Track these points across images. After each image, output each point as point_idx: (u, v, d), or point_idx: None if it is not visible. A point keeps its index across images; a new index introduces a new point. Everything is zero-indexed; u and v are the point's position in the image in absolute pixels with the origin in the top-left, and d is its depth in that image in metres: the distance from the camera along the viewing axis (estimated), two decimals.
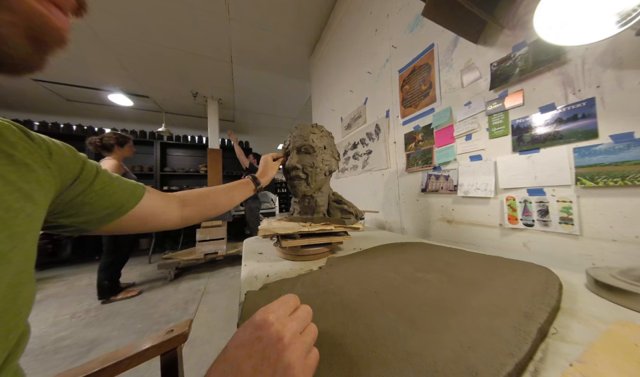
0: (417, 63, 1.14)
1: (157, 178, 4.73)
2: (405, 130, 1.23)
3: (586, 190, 0.60)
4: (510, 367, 0.26)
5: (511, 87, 0.76)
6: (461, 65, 0.92)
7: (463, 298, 0.42)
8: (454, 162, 0.96)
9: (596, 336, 0.32)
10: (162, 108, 4.47)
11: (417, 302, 0.42)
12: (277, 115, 5.08)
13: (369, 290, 0.48)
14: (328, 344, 0.32)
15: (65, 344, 1.65)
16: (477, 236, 0.88)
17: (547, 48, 0.65)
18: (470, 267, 0.58)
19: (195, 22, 2.29)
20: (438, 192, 1.04)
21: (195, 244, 3.16)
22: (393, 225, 1.36)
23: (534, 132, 0.70)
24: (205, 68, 3.15)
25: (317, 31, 2.46)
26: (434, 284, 0.49)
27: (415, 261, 0.65)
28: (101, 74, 3.20)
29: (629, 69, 0.53)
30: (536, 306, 0.37)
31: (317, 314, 0.39)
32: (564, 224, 0.64)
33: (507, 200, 0.77)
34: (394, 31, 1.30)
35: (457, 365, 0.27)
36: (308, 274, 0.59)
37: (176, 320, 1.96)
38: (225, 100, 4.24)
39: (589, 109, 0.59)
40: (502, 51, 0.78)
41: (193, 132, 5.62)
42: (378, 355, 0.29)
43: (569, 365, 0.27)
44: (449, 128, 0.98)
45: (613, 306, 0.40)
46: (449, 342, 0.31)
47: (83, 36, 2.39)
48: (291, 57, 2.92)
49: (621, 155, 0.54)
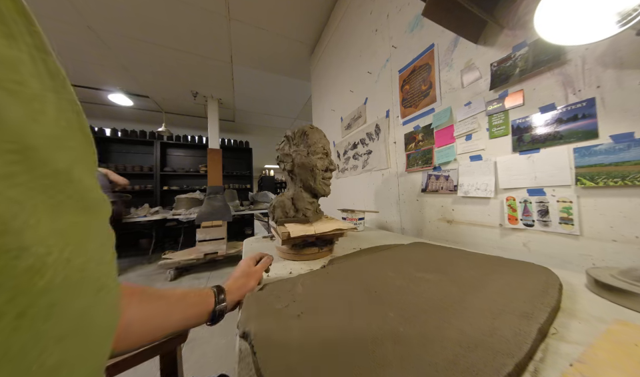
0: (417, 63, 1.14)
1: (157, 178, 4.73)
2: (405, 130, 1.23)
3: (586, 190, 0.60)
4: (510, 367, 0.26)
5: (511, 87, 0.76)
6: (461, 65, 0.92)
7: (463, 298, 0.42)
8: (454, 162, 0.96)
9: (596, 336, 0.32)
10: (162, 108, 4.47)
11: (417, 302, 0.42)
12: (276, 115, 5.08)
13: (369, 290, 0.48)
14: (328, 343, 0.32)
15: None
16: (477, 236, 0.88)
17: (547, 48, 0.65)
18: (470, 267, 0.58)
19: (195, 22, 2.29)
20: (438, 192, 1.04)
21: (194, 244, 3.16)
22: (392, 225, 1.36)
23: (534, 132, 0.70)
24: (205, 68, 3.14)
25: (317, 31, 2.45)
26: (434, 284, 0.49)
27: (415, 261, 0.65)
28: (101, 74, 3.20)
29: (629, 69, 0.53)
30: (536, 306, 0.37)
31: (317, 314, 0.39)
32: (564, 224, 0.64)
33: (507, 200, 0.77)
34: (394, 31, 1.30)
35: (457, 365, 0.27)
36: (308, 274, 0.59)
37: None
38: (224, 100, 4.24)
39: (589, 109, 0.59)
40: (502, 51, 0.78)
41: (193, 132, 5.62)
42: (378, 355, 0.29)
43: (569, 365, 0.27)
44: (449, 128, 0.98)
45: (612, 306, 0.40)
46: (449, 342, 0.31)
47: (83, 36, 2.39)
48: (290, 57, 2.91)
49: (621, 155, 0.54)
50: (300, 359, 0.29)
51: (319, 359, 0.29)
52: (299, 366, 0.28)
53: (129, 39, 2.50)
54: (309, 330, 0.35)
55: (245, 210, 4.51)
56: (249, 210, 4.56)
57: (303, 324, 0.37)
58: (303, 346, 0.31)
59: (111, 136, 4.57)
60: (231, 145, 5.60)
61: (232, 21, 2.29)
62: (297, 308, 0.42)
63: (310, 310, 0.41)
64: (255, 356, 0.30)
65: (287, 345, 0.32)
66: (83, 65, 2.96)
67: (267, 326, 0.36)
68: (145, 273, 3.15)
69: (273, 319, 0.38)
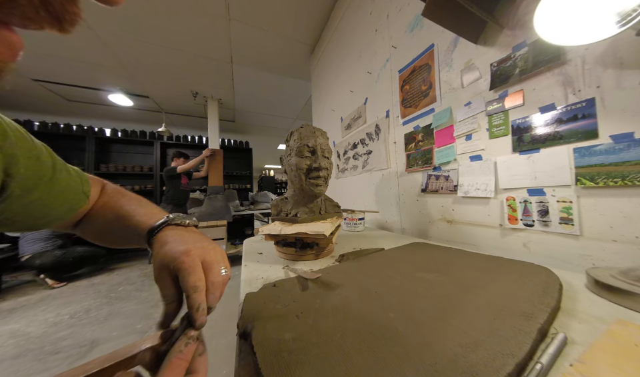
0: (417, 63, 1.14)
1: (157, 178, 4.73)
2: (405, 130, 1.23)
3: (586, 190, 0.60)
4: (510, 367, 0.26)
5: (511, 87, 0.76)
6: (461, 65, 0.92)
7: (463, 298, 0.42)
8: (454, 162, 0.96)
9: (596, 336, 0.32)
10: (162, 108, 4.47)
11: (416, 302, 0.42)
12: (277, 115, 5.08)
13: (369, 289, 0.48)
14: (328, 343, 0.32)
15: (65, 344, 1.65)
16: (477, 236, 0.88)
17: (547, 48, 0.65)
18: (470, 267, 0.58)
19: (195, 22, 2.29)
20: (438, 192, 1.04)
21: None
22: (392, 225, 1.36)
23: (534, 133, 0.70)
24: (205, 68, 3.14)
25: (317, 31, 2.45)
26: (434, 284, 0.49)
27: (415, 261, 0.65)
28: (101, 74, 3.20)
29: (629, 69, 0.53)
30: (536, 306, 0.37)
31: (317, 314, 0.39)
32: (564, 224, 0.64)
33: (507, 200, 0.77)
34: (394, 31, 1.30)
35: (457, 365, 0.27)
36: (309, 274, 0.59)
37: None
38: (224, 100, 4.24)
39: (589, 109, 0.59)
40: (502, 51, 0.78)
41: (193, 132, 5.61)
42: (378, 355, 0.29)
43: (568, 365, 0.27)
44: (449, 128, 0.98)
45: (612, 306, 0.40)
46: (449, 342, 0.31)
47: (83, 36, 2.39)
48: (291, 57, 2.91)
49: (621, 155, 0.54)
50: (299, 359, 0.29)
51: (318, 359, 0.29)
52: (298, 365, 0.28)
53: (129, 39, 2.50)
54: (309, 330, 0.35)
55: (245, 210, 4.51)
56: (249, 210, 4.56)
57: (302, 324, 0.37)
58: (303, 346, 0.31)
59: (110, 136, 4.57)
60: (231, 145, 5.60)
61: (232, 21, 2.29)
62: (296, 308, 0.42)
63: (309, 311, 0.41)
64: (254, 355, 0.30)
65: (287, 345, 0.32)
66: (83, 65, 2.96)
67: (266, 326, 0.36)
68: (146, 273, 3.14)
69: (273, 319, 0.38)
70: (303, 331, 0.35)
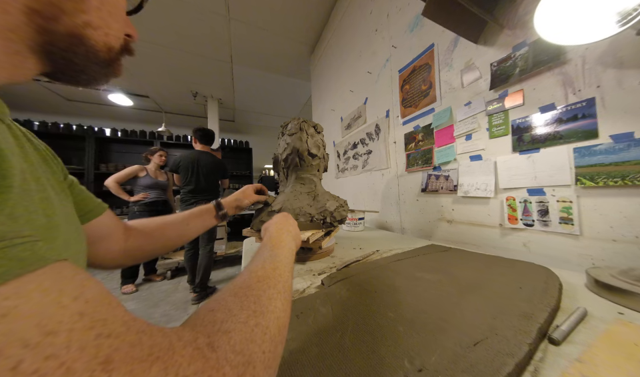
0: (417, 63, 1.14)
1: None
2: (405, 130, 1.23)
3: (586, 190, 0.60)
4: (510, 367, 0.26)
5: (511, 87, 0.76)
6: (461, 65, 0.92)
7: (463, 298, 0.42)
8: (454, 162, 0.96)
9: (596, 336, 0.32)
10: (162, 108, 4.46)
11: (416, 302, 0.42)
12: (277, 115, 5.08)
13: (369, 289, 0.48)
14: (328, 343, 0.32)
15: None
16: (477, 236, 0.88)
17: (547, 48, 0.65)
18: (470, 267, 0.58)
19: (195, 22, 2.28)
20: (438, 192, 1.04)
21: None
22: (392, 225, 1.36)
23: (534, 132, 0.70)
24: (205, 68, 3.14)
25: (317, 31, 2.45)
26: (434, 284, 0.49)
27: (414, 261, 0.65)
28: None
29: (629, 69, 0.53)
30: (536, 306, 0.37)
31: (317, 314, 0.39)
32: (564, 224, 0.64)
33: (507, 200, 0.77)
34: (394, 31, 1.30)
35: (457, 365, 0.27)
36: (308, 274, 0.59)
37: (176, 320, 1.96)
38: (224, 100, 4.24)
39: (589, 109, 0.59)
40: (502, 51, 0.78)
41: None
42: (378, 355, 0.29)
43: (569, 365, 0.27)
44: (449, 128, 0.98)
45: (613, 306, 0.40)
46: (449, 341, 0.31)
47: None
48: (290, 57, 2.91)
49: (621, 155, 0.54)
50: (299, 359, 0.29)
51: (318, 359, 0.29)
52: (298, 365, 0.28)
53: None
54: (308, 330, 0.35)
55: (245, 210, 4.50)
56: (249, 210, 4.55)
57: (302, 324, 0.37)
58: (303, 346, 0.31)
59: (111, 136, 4.56)
60: (231, 145, 5.60)
61: (232, 21, 2.28)
62: (296, 308, 0.42)
63: (309, 311, 0.41)
64: None
65: (287, 345, 0.32)
66: None
67: None
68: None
69: None
70: (303, 331, 0.35)
